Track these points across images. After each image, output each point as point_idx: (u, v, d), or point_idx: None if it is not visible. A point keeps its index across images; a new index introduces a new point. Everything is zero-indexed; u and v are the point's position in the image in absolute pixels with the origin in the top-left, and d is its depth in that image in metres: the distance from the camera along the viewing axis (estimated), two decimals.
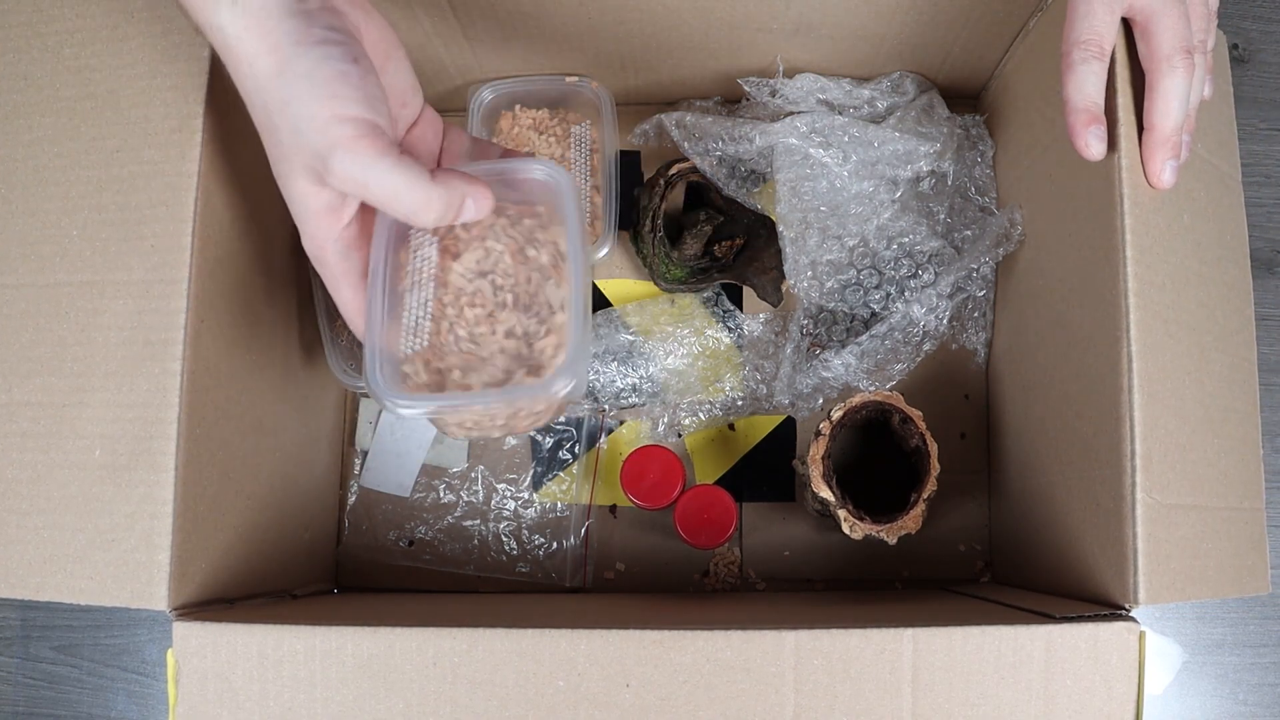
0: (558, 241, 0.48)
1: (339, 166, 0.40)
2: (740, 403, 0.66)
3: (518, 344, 0.47)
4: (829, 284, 0.62)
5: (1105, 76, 0.45)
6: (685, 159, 0.63)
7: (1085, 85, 0.45)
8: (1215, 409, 0.47)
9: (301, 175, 0.42)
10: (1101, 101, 0.45)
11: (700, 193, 0.67)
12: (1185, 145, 0.46)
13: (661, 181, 0.64)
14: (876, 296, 0.62)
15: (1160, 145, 0.45)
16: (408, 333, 0.47)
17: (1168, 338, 0.45)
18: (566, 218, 0.48)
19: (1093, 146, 0.45)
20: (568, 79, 0.66)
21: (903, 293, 0.62)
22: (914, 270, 0.62)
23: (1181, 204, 0.48)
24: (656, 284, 0.66)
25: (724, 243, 0.65)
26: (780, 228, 0.61)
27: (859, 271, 0.62)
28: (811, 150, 0.60)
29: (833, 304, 0.62)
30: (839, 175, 0.60)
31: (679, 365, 0.65)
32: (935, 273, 0.61)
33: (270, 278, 0.55)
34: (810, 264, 0.61)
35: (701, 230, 0.64)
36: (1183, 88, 0.44)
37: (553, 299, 0.47)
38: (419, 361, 0.47)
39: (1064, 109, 0.46)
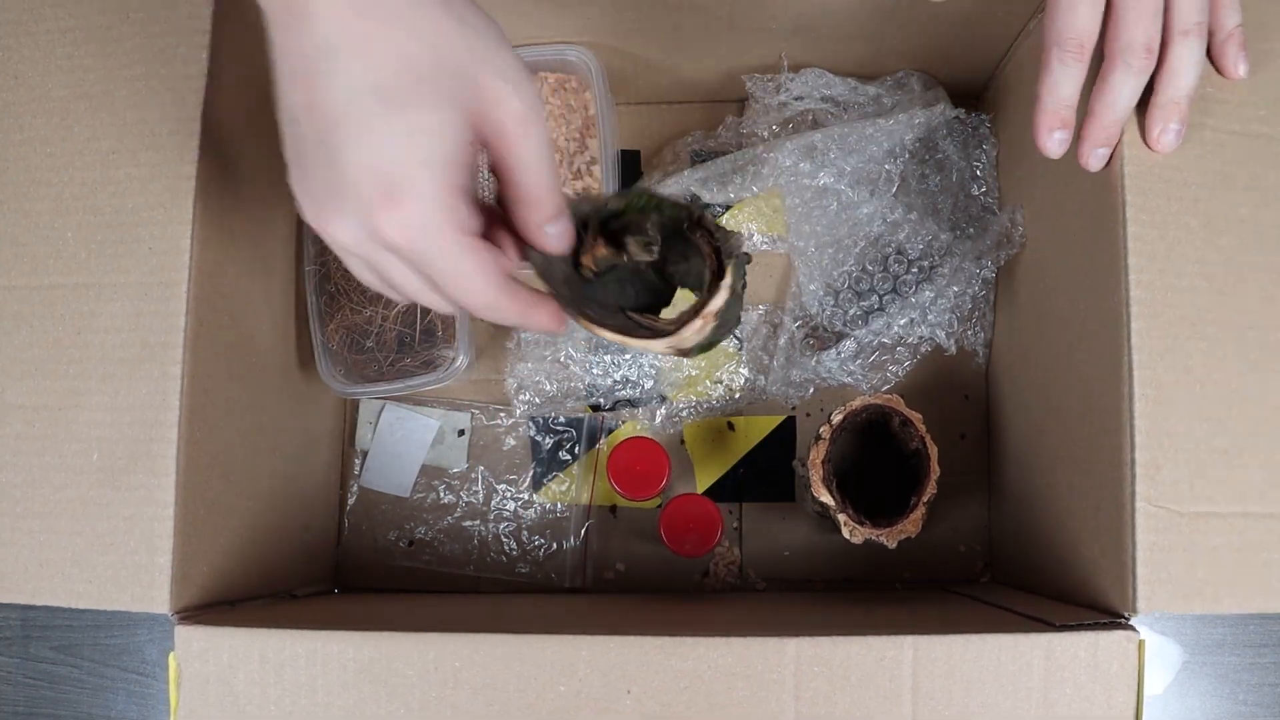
0: (588, 105, 0.62)
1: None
2: (739, 395, 0.65)
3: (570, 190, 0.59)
4: (841, 288, 0.63)
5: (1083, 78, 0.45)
6: None
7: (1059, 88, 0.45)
8: (1228, 413, 0.45)
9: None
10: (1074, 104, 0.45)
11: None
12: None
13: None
14: (886, 286, 0.63)
15: (1089, 133, 0.45)
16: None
17: (1172, 340, 0.45)
18: (594, 84, 0.61)
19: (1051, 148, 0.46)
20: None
21: (917, 280, 0.62)
22: (920, 259, 0.62)
23: (1187, 206, 0.47)
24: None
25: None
26: (794, 243, 0.63)
27: (871, 275, 0.63)
28: (805, 172, 0.61)
29: (844, 302, 0.64)
30: (843, 192, 0.61)
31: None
32: (939, 257, 0.62)
33: (269, 279, 0.55)
34: (823, 281, 0.62)
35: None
36: (1123, 84, 0.43)
37: (589, 153, 0.61)
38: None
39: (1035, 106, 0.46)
